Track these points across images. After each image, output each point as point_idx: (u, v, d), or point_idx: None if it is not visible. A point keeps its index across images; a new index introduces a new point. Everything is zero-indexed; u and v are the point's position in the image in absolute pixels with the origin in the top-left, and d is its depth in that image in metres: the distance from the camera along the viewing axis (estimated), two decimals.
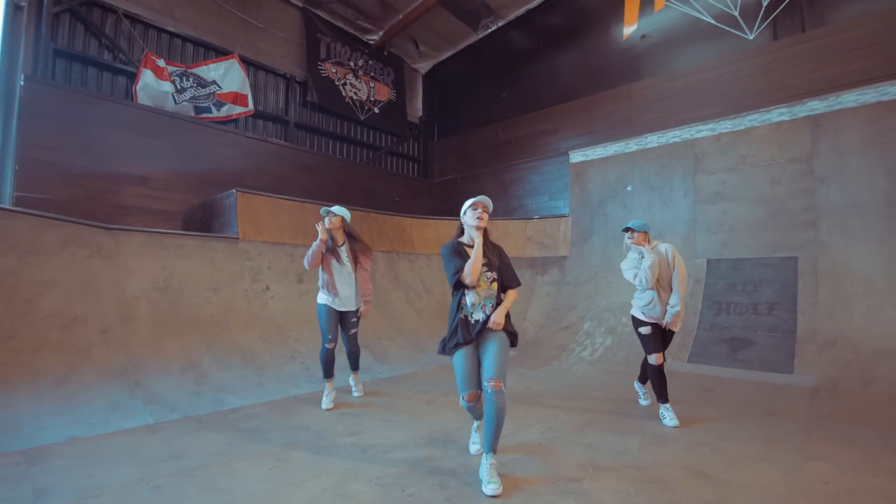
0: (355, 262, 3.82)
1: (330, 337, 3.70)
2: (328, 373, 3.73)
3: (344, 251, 3.78)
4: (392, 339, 5.63)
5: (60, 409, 3.10)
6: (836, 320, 4.57)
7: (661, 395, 3.37)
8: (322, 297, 3.77)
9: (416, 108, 9.77)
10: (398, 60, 9.19)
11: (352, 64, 8.31)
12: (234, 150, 6.33)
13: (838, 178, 5.02)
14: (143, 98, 5.66)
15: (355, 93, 8.30)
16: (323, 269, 3.74)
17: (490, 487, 2.20)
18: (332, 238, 3.79)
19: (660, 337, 3.40)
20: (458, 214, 2.65)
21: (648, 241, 3.43)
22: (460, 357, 2.45)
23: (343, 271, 3.75)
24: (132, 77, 5.74)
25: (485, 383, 2.33)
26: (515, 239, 7.39)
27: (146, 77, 5.62)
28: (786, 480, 2.38)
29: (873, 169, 4.84)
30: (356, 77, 8.35)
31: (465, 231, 2.60)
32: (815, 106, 5.20)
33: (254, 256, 5.25)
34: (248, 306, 4.89)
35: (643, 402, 3.77)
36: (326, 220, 3.76)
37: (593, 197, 6.99)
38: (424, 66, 9.64)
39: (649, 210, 6.36)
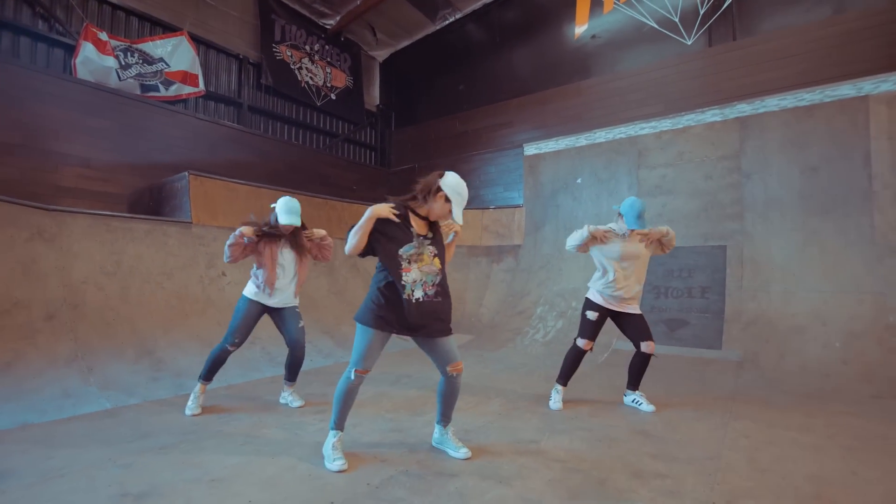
0: (301, 252, 3.21)
1: (236, 340, 3.05)
2: (209, 375, 3.13)
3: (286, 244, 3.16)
4: (353, 325, 5.66)
5: (7, 396, 2.96)
6: (757, 302, 5.11)
7: (563, 377, 3.37)
8: (250, 290, 3.12)
9: (374, 96, 9.72)
10: (355, 47, 9.10)
11: (308, 48, 8.14)
12: (183, 131, 6.08)
13: (762, 175, 5.58)
14: (82, 73, 5.31)
15: (311, 78, 8.15)
16: (257, 263, 3.10)
17: (462, 451, 2.35)
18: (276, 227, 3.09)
19: (601, 325, 3.37)
20: None
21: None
22: (372, 335, 2.25)
23: (285, 263, 3.13)
24: (70, 50, 5.36)
25: (448, 368, 2.32)
26: (472, 228, 7.59)
27: (86, 50, 5.27)
28: (714, 436, 2.72)
29: (790, 167, 5.41)
30: (312, 62, 8.19)
31: (429, 206, 2.29)
32: (744, 109, 5.73)
33: (208, 242, 5.11)
34: (204, 292, 4.78)
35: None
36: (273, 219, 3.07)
37: (546, 188, 7.31)
38: (382, 55, 9.59)
39: (597, 202, 6.75)
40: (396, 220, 2.24)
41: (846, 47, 5.46)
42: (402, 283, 2.20)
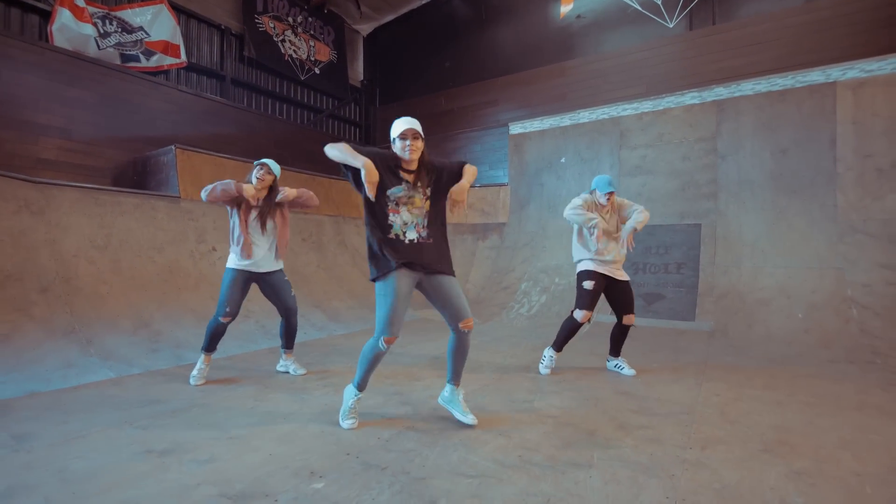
0: (273, 212, 3.24)
1: (228, 310, 3.06)
2: (210, 346, 3.16)
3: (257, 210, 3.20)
4: (342, 300, 5.79)
5: (9, 367, 2.99)
6: (728, 276, 5.44)
7: (558, 344, 3.50)
8: (232, 260, 3.16)
9: (358, 71, 9.59)
10: (338, 20, 8.93)
11: (290, 20, 7.96)
12: (166, 104, 5.95)
13: (736, 156, 5.85)
14: (59, 40, 5.12)
15: (294, 51, 8.00)
16: (240, 227, 3.13)
17: (469, 418, 2.37)
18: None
19: (599, 295, 3.42)
20: None
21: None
22: (393, 285, 2.17)
23: (258, 226, 3.16)
24: (46, 16, 5.16)
25: (460, 325, 2.30)
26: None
27: (63, 17, 5.07)
28: (689, 394, 2.98)
29: (762, 149, 5.70)
30: (295, 34, 8.03)
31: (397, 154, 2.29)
32: (720, 92, 5.96)
33: (198, 216, 5.10)
34: (195, 266, 4.79)
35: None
36: (254, 176, 3.16)
37: (530, 167, 7.47)
38: (366, 29, 9.45)
39: (580, 180, 6.95)
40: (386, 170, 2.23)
41: (817, 34, 5.72)
42: (389, 222, 2.19)
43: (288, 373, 3.42)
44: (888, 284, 4.63)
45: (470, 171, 2.33)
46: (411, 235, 2.23)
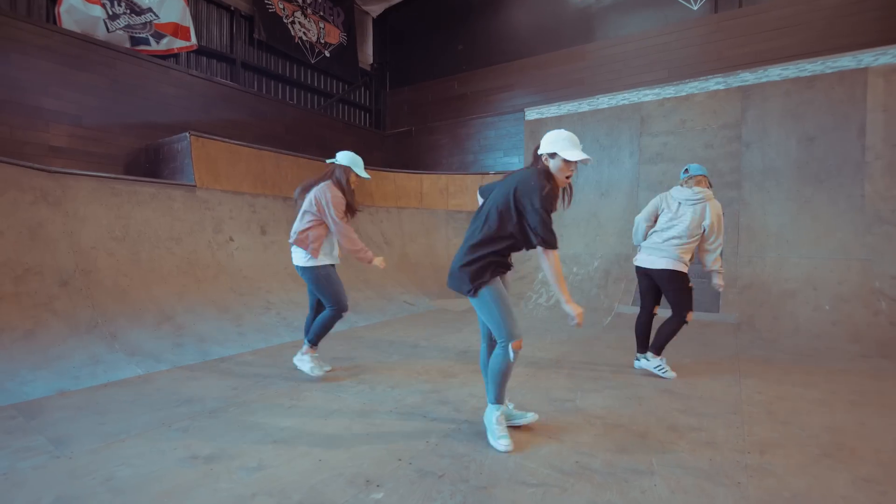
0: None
1: (345, 299, 3.16)
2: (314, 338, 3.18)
3: None
4: (360, 291, 5.71)
5: (37, 364, 2.92)
6: (752, 267, 5.36)
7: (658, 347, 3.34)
8: (325, 258, 3.18)
9: (367, 54, 9.36)
10: (348, 0, 8.67)
11: (300, 0, 7.72)
12: (178, 88, 5.78)
13: (760, 144, 5.72)
14: (68, 22, 4.94)
15: (305, 33, 7.77)
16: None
17: (529, 416, 2.30)
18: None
19: None
20: (413, 168, 2.41)
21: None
22: (495, 292, 2.10)
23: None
24: None
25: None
26: (472, 193, 7.59)
27: None
28: (731, 392, 2.93)
29: (788, 137, 5.57)
30: (305, 15, 7.79)
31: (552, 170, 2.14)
32: (746, 77, 5.79)
33: (214, 206, 5.00)
34: (214, 257, 4.71)
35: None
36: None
37: None
38: (375, 9, 9.18)
39: (598, 168, 6.82)
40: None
41: (849, 18, 5.53)
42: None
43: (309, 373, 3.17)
44: None
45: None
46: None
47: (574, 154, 2.07)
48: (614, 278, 6.00)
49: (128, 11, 5.41)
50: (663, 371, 3.24)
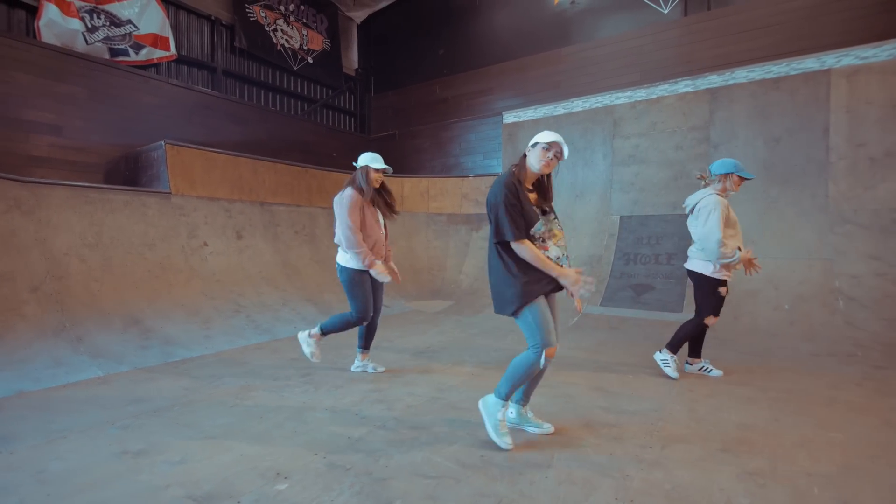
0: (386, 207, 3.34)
1: (371, 312, 3.20)
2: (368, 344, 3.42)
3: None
4: (334, 293, 5.85)
5: (1, 366, 3.09)
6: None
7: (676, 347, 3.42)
8: (355, 261, 3.12)
9: (352, 59, 9.51)
10: (331, 7, 8.82)
11: (282, 8, 7.88)
12: (157, 97, 5.96)
13: (728, 146, 5.79)
14: (47, 36, 5.13)
15: (287, 40, 7.93)
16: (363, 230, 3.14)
17: (546, 426, 2.35)
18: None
19: None
20: (397, 172, 2.53)
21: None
22: (539, 306, 2.11)
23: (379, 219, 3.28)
24: (33, 12, 5.15)
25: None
26: (452, 196, 7.71)
27: (50, 12, 5.07)
28: (662, 390, 3.03)
29: (755, 138, 5.63)
30: (287, 23, 7.96)
31: (527, 165, 2.18)
32: (714, 80, 5.87)
33: (189, 212, 5.16)
34: (187, 262, 4.87)
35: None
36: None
37: None
38: (359, 16, 9.33)
39: (573, 170, 6.92)
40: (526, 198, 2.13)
41: (814, 20, 5.59)
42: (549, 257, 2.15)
43: (366, 372, 3.44)
44: (876, 276, 4.62)
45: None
46: (564, 261, 2.19)
47: (547, 136, 2.14)
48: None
49: (107, 24, 5.59)
50: (667, 366, 3.33)
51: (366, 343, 3.45)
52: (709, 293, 3.30)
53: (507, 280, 2.14)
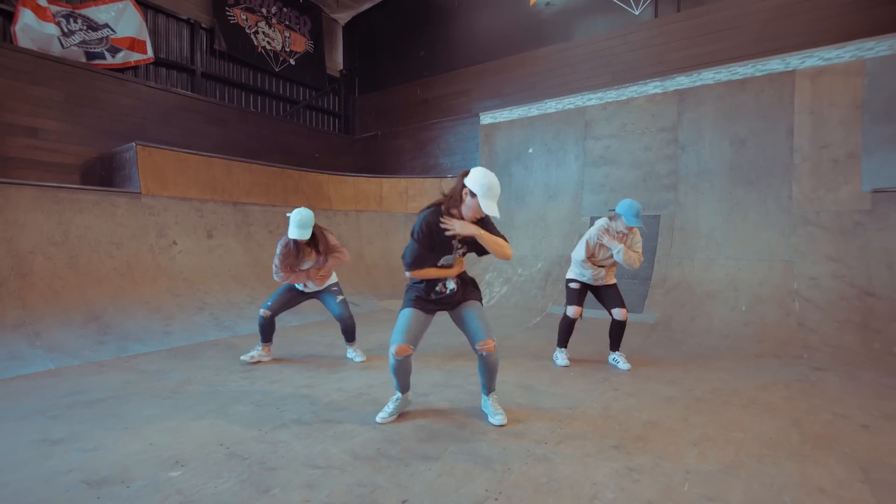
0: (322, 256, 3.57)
1: (270, 304, 3.60)
2: (265, 337, 3.67)
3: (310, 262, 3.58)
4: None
5: None
6: (681, 268, 5.46)
7: (562, 341, 3.78)
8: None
9: (337, 60, 9.62)
10: (315, 9, 8.94)
11: (264, 11, 8.01)
12: (134, 100, 6.11)
13: (695, 147, 5.81)
14: (23, 41, 5.30)
15: (269, 42, 8.07)
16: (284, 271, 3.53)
17: (498, 418, 2.48)
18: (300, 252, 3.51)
19: (584, 293, 3.74)
20: (380, 172, 2.72)
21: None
22: (409, 314, 2.46)
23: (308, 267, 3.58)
24: (8, 17, 5.32)
25: (477, 347, 2.43)
26: (431, 196, 7.74)
27: (26, 17, 5.23)
28: (588, 388, 3.09)
29: (722, 139, 5.65)
30: (269, 25, 8.09)
31: (463, 204, 2.32)
32: (682, 81, 5.88)
33: (159, 212, 5.30)
34: (155, 260, 5.00)
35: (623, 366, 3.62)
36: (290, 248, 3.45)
37: (500, 158, 7.49)
38: (344, 17, 9.44)
39: (546, 171, 6.97)
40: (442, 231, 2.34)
41: (780, 21, 5.59)
42: (440, 281, 2.49)
43: (353, 360, 3.80)
44: (834, 277, 4.63)
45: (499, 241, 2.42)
46: (451, 286, 2.50)
47: (488, 206, 2.26)
48: (554, 279, 6.14)
49: (84, 28, 5.75)
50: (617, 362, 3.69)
51: (347, 339, 3.83)
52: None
53: (410, 289, 2.57)
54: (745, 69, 5.51)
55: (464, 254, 2.52)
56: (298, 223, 3.38)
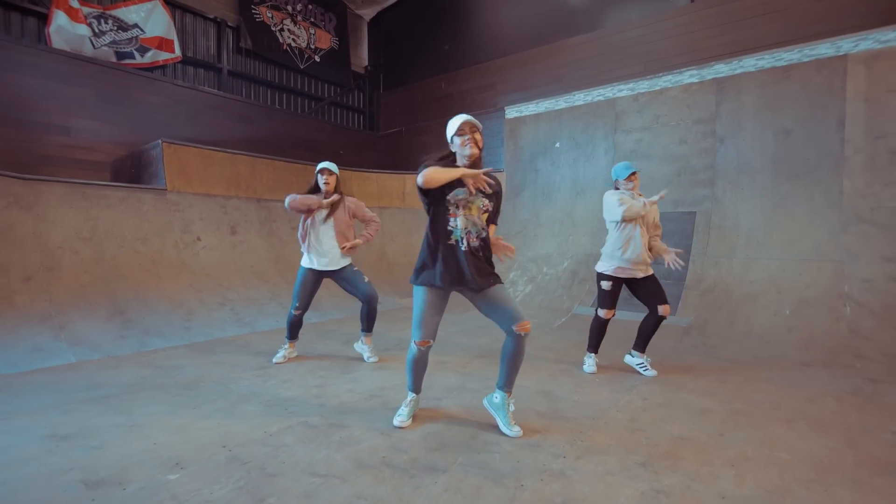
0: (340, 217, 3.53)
1: (297, 304, 3.49)
2: (291, 334, 3.62)
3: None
4: (325, 289, 5.92)
5: None
6: (718, 268, 5.13)
7: (593, 345, 3.52)
8: (304, 259, 3.54)
9: (362, 57, 9.59)
10: (341, 6, 8.92)
11: (289, 8, 8.04)
12: (162, 98, 6.22)
13: (735, 139, 5.45)
14: (57, 42, 5.45)
15: (294, 40, 8.09)
16: (302, 229, 3.50)
17: (515, 430, 2.28)
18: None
19: (618, 293, 3.43)
20: (403, 168, 2.56)
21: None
22: (424, 294, 2.25)
23: (324, 227, 3.47)
24: (43, 19, 5.49)
25: (514, 327, 2.22)
26: None
27: (59, 19, 5.38)
28: (614, 397, 2.88)
29: (764, 131, 5.27)
30: (294, 23, 8.11)
31: (458, 156, 2.25)
32: (721, 69, 5.52)
33: (184, 208, 5.36)
34: (179, 256, 5.06)
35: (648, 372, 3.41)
36: (321, 182, 3.48)
37: (525, 152, 7.27)
38: (369, 13, 9.39)
39: (574, 166, 6.71)
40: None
41: (828, 2, 5.16)
42: (449, 228, 2.19)
43: (363, 357, 3.68)
44: (890, 280, 4.23)
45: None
46: (473, 243, 2.22)
47: (455, 123, 2.24)
48: (580, 279, 5.90)
49: (115, 28, 5.88)
50: (645, 368, 3.42)
51: (365, 326, 3.66)
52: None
53: (421, 253, 2.31)
54: (790, 55, 5.11)
55: (485, 210, 2.24)
56: (329, 161, 3.56)
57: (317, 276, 3.53)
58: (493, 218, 2.32)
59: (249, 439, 2.23)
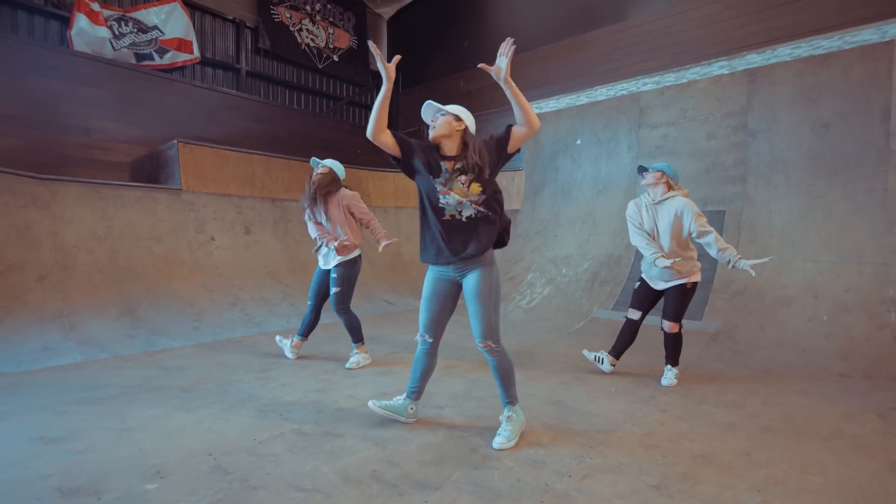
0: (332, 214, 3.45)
1: (308, 301, 3.56)
2: (301, 331, 3.62)
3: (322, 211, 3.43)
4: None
5: None
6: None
7: (615, 348, 3.35)
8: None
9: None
10: (360, 4, 8.88)
11: (308, 8, 8.04)
12: (181, 99, 6.28)
13: (768, 134, 5.12)
14: (78, 44, 5.56)
15: (312, 39, 8.09)
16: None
17: (497, 441, 2.15)
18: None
19: (648, 293, 3.26)
20: None
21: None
22: (430, 283, 2.27)
23: (321, 221, 3.45)
24: (65, 22, 5.61)
25: (479, 344, 2.22)
26: None
27: (80, 22, 5.49)
28: (630, 409, 2.68)
29: (800, 124, 4.93)
30: (313, 22, 8.11)
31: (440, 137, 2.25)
32: (753, 59, 5.20)
33: (198, 207, 5.37)
34: (192, 255, 5.06)
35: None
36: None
37: (545, 150, 7.06)
38: (388, 12, 9.32)
39: (595, 164, 6.46)
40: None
41: None
42: (440, 205, 2.12)
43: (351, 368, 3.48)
44: None
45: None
46: (468, 212, 2.13)
47: (427, 111, 2.31)
48: (601, 280, 5.65)
49: (134, 30, 5.96)
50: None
51: (350, 335, 3.59)
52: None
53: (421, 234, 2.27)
54: (829, 42, 4.76)
55: (470, 182, 2.08)
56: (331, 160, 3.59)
57: (323, 274, 3.53)
58: (489, 175, 2.15)
59: (237, 447, 2.13)
